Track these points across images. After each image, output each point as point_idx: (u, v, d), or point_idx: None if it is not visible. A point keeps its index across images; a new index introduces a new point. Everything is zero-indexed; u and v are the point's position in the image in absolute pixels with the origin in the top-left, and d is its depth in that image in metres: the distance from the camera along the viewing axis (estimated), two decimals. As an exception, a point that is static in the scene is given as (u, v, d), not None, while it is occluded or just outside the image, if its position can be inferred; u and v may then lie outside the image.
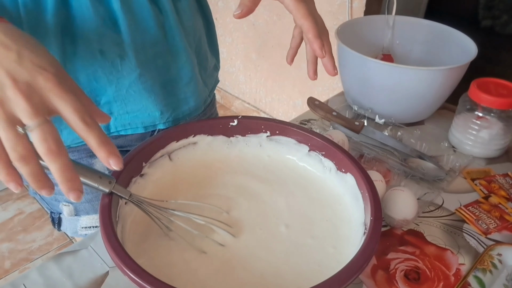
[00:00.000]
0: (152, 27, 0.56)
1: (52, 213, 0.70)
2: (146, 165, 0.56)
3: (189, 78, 0.63)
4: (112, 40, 0.54)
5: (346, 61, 0.81)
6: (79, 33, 0.53)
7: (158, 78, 0.60)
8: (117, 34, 0.54)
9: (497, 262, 0.55)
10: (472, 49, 0.77)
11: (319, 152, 0.59)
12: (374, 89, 0.78)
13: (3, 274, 1.50)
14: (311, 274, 0.47)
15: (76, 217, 0.68)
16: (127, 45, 0.55)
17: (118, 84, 0.57)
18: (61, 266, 0.53)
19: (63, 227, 0.70)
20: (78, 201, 0.39)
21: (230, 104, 2.43)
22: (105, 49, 0.54)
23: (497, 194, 0.66)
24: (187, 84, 0.63)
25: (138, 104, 0.60)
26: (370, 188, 0.50)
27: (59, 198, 0.67)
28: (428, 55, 0.88)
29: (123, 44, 0.55)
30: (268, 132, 0.62)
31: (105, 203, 0.46)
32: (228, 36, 2.23)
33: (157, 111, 0.62)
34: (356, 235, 0.50)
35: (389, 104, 0.79)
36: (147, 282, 0.39)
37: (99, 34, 0.53)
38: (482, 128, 0.72)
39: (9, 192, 1.86)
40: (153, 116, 0.62)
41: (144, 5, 0.55)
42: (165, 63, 0.60)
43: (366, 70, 0.76)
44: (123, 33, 0.55)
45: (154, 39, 0.57)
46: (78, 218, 0.68)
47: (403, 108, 0.79)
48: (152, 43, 0.57)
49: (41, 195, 0.68)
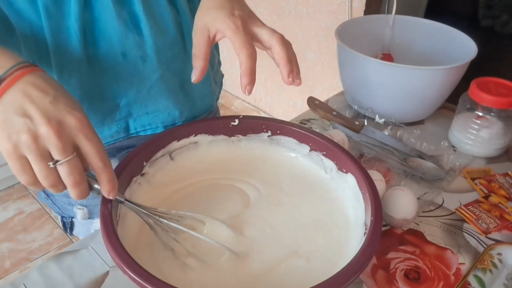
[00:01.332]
0: (172, 28, 0.58)
1: (63, 217, 0.71)
2: (147, 164, 0.56)
3: (204, 78, 0.64)
4: (134, 42, 0.56)
5: (346, 61, 0.81)
6: (102, 36, 0.54)
7: (177, 78, 0.62)
8: (139, 36, 0.56)
9: (497, 261, 0.55)
10: (472, 49, 0.77)
11: (320, 152, 0.59)
12: (374, 88, 0.78)
13: (3, 274, 1.50)
14: (311, 274, 0.47)
15: (89, 220, 0.69)
16: (149, 47, 0.57)
17: (140, 86, 0.59)
18: (61, 266, 0.53)
19: (76, 231, 0.72)
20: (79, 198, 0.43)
21: (230, 104, 2.42)
22: (127, 51, 0.56)
23: (497, 193, 0.66)
24: (202, 83, 0.64)
25: (159, 104, 0.62)
26: (370, 188, 0.50)
27: (73, 201, 0.68)
28: (428, 54, 0.88)
29: (145, 46, 0.57)
30: (269, 131, 0.62)
31: (106, 203, 0.46)
32: (228, 36, 2.23)
33: (177, 110, 0.64)
34: (356, 235, 0.50)
35: (389, 104, 0.79)
36: (148, 282, 0.39)
37: (121, 36, 0.54)
38: (482, 127, 0.72)
39: (9, 192, 1.86)
40: (173, 115, 0.64)
41: (164, 7, 0.56)
42: (183, 63, 0.62)
43: (366, 70, 0.76)
44: (145, 35, 0.56)
45: (173, 40, 0.59)
46: (92, 221, 0.69)
47: (403, 107, 0.79)
48: (171, 44, 0.59)
49: (54, 200, 0.68)
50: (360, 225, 0.50)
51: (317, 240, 0.51)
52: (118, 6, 0.53)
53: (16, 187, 1.88)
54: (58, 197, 0.69)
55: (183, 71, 0.62)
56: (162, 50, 0.58)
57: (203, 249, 0.49)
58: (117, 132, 0.63)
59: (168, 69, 0.60)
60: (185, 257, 0.48)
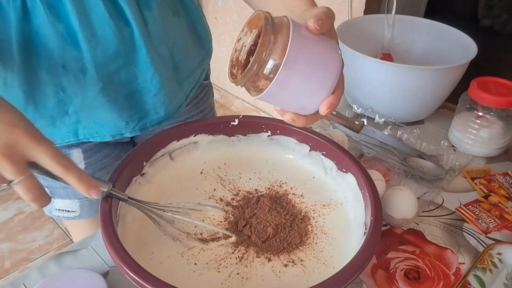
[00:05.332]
0: (114, 42, 0.55)
1: None
2: (147, 164, 0.56)
3: (157, 89, 0.61)
4: (72, 56, 0.54)
5: (346, 61, 0.80)
6: (42, 48, 0.53)
7: (122, 91, 0.60)
8: (77, 51, 0.54)
9: (497, 261, 0.55)
10: (472, 48, 0.77)
11: (320, 152, 0.59)
12: (374, 88, 0.78)
13: (3, 274, 1.50)
14: (311, 274, 0.47)
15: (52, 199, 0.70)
16: (88, 61, 0.55)
17: (83, 96, 0.58)
18: (61, 266, 0.53)
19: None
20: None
21: (230, 104, 2.42)
22: (67, 64, 0.55)
23: (497, 193, 0.66)
24: (155, 95, 0.62)
25: (103, 115, 0.60)
26: (371, 188, 0.50)
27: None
28: (428, 54, 0.88)
29: (83, 60, 0.55)
30: (269, 131, 0.62)
31: (106, 203, 0.46)
32: (228, 36, 2.23)
33: (123, 121, 0.62)
34: (356, 235, 0.50)
35: (389, 103, 0.79)
36: (147, 282, 0.39)
37: (60, 50, 0.54)
38: (482, 127, 0.72)
39: (9, 192, 1.86)
40: (119, 126, 0.62)
41: (105, 21, 0.54)
42: (131, 75, 0.59)
43: (366, 70, 0.76)
44: (83, 50, 0.54)
45: (116, 53, 0.56)
46: (53, 200, 0.70)
47: (403, 107, 0.79)
48: (114, 57, 0.56)
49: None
50: (360, 225, 0.50)
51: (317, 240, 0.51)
52: (54, 20, 0.52)
53: (16, 187, 1.88)
54: None
55: (131, 83, 0.60)
56: (103, 63, 0.56)
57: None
58: (67, 136, 0.62)
59: (111, 82, 0.58)
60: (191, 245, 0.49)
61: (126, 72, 0.58)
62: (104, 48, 0.55)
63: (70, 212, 0.70)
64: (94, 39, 0.54)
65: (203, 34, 0.69)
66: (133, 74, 0.59)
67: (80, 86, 0.56)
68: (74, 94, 0.57)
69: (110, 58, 0.56)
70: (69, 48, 0.54)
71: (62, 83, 0.56)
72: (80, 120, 0.60)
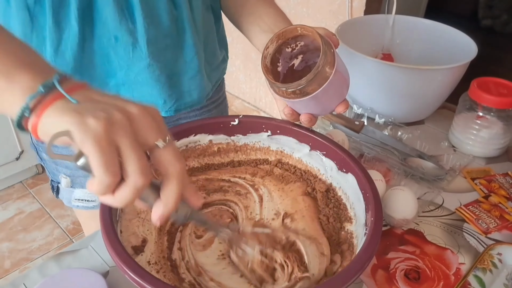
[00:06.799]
0: (166, 21, 0.59)
1: (52, 181, 0.74)
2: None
3: (195, 72, 0.65)
4: (127, 29, 0.57)
5: (346, 61, 0.80)
6: (98, 17, 0.56)
7: (166, 69, 0.63)
8: (132, 24, 0.57)
9: (497, 261, 0.55)
10: (472, 49, 0.77)
11: (320, 152, 0.59)
12: (374, 88, 0.78)
13: (3, 274, 1.50)
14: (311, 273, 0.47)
15: (71, 189, 0.72)
16: (140, 36, 0.58)
17: (128, 70, 0.60)
18: (61, 266, 0.53)
19: (60, 195, 0.75)
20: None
21: (230, 104, 2.42)
22: (120, 36, 0.57)
23: (497, 193, 0.66)
24: (192, 78, 0.65)
25: (144, 91, 0.63)
26: (371, 188, 0.50)
27: (59, 169, 0.70)
28: (428, 54, 0.88)
29: (136, 34, 0.58)
30: (269, 131, 0.62)
31: (106, 202, 0.46)
32: (228, 36, 2.22)
33: (161, 100, 0.64)
34: (356, 235, 0.50)
35: (389, 104, 0.79)
36: (147, 282, 0.39)
37: (116, 21, 0.56)
38: (482, 127, 0.72)
39: (9, 192, 1.86)
40: (157, 104, 0.65)
41: (162, 0, 0.57)
42: (174, 55, 0.63)
43: (366, 70, 0.76)
44: (137, 24, 0.57)
45: (166, 32, 0.60)
46: (73, 190, 0.71)
47: (403, 107, 0.79)
48: (164, 35, 0.60)
49: (45, 164, 0.72)
50: (360, 225, 0.50)
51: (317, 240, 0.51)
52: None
53: (16, 187, 1.88)
54: (48, 163, 0.72)
55: (174, 63, 0.63)
56: (154, 40, 0.59)
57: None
58: None
59: (158, 59, 0.61)
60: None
61: (172, 51, 0.62)
62: (157, 25, 0.59)
63: (89, 202, 0.72)
64: (149, 15, 0.57)
65: (223, 35, 0.77)
66: (177, 54, 0.63)
67: (127, 59, 0.59)
68: (119, 67, 0.60)
69: (161, 36, 0.60)
70: (125, 21, 0.57)
71: (110, 55, 0.59)
72: (119, 94, 0.61)
